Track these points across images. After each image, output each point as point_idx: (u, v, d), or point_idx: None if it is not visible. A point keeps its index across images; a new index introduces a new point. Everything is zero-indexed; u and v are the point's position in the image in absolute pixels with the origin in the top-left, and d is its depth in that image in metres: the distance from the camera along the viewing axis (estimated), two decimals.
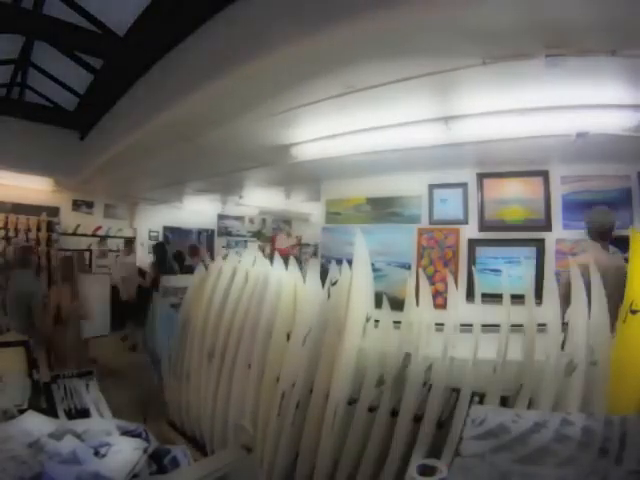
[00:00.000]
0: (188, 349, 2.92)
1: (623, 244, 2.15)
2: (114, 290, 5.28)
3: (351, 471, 1.96)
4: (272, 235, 9.49)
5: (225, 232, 9.17)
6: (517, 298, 1.95)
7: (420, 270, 3.23)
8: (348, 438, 1.95)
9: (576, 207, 3.27)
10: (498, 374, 1.74)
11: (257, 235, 9.54)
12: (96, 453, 1.01)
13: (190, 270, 4.06)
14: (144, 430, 1.21)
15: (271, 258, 2.67)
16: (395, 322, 2.11)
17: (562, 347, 1.79)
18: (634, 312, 1.64)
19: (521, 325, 1.89)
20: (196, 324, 2.88)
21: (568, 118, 2.35)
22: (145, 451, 1.05)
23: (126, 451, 1.03)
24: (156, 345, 3.44)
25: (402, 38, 1.76)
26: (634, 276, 1.73)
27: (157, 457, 1.06)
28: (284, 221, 10.11)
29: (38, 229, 6.36)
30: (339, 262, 2.30)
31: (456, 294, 2.30)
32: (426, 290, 2.19)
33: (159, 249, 5.75)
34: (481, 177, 3.61)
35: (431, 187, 3.85)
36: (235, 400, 2.43)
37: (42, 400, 1.53)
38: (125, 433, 1.15)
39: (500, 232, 3.49)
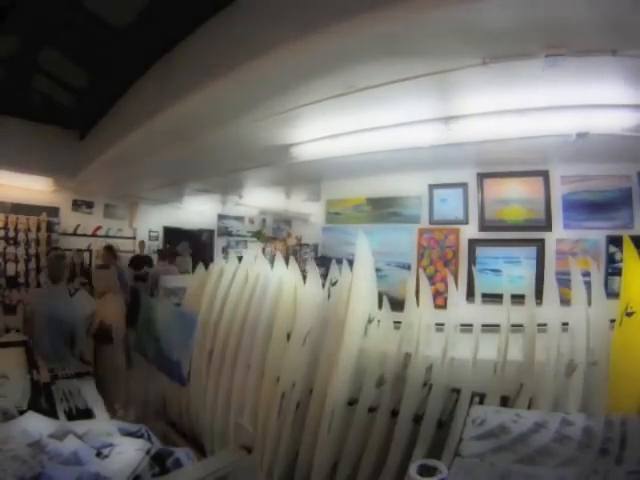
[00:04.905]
0: None
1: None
2: None
3: (351, 471, 1.96)
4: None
5: (225, 232, 9.16)
6: (517, 298, 1.95)
7: (420, 270, 3.23)
8: (348, 438, 1.95)
9: (576, 207, 3.27)
10: (498, 374, 1.74)
11: (257, 235, 9.52)
12: (98, 454, 1.01)
13: None
14: (146, 431, 1.20)
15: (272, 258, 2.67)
16: (395, 322, 2.12)
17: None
18: (629, 314, 1.64)
19: (521, 325, 1.89)
20: None
21: (568, 118, 2.34)
22: (147, 452, 1.05)
23: (128, 452, 1.02)
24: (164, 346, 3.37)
25: (402, 38, 1.76)
26: (627, 280, 1.74)
27: (160, 459, 1.05)
28: (284, 221, 10.09)
29: (38, 229, 6.36)
30: (339, 262, 2.29)
31: (456, 294, 2.30)
32: (426, 290, 2.19)
33: None
34: (481, 177, 3.61)
35: (431, 187, 3.84)
36: (235, 400, 2.43)
37: (42, 400, 1.53)
38: (127, 434, 1.15)
39: (500, 232, 3.49)
